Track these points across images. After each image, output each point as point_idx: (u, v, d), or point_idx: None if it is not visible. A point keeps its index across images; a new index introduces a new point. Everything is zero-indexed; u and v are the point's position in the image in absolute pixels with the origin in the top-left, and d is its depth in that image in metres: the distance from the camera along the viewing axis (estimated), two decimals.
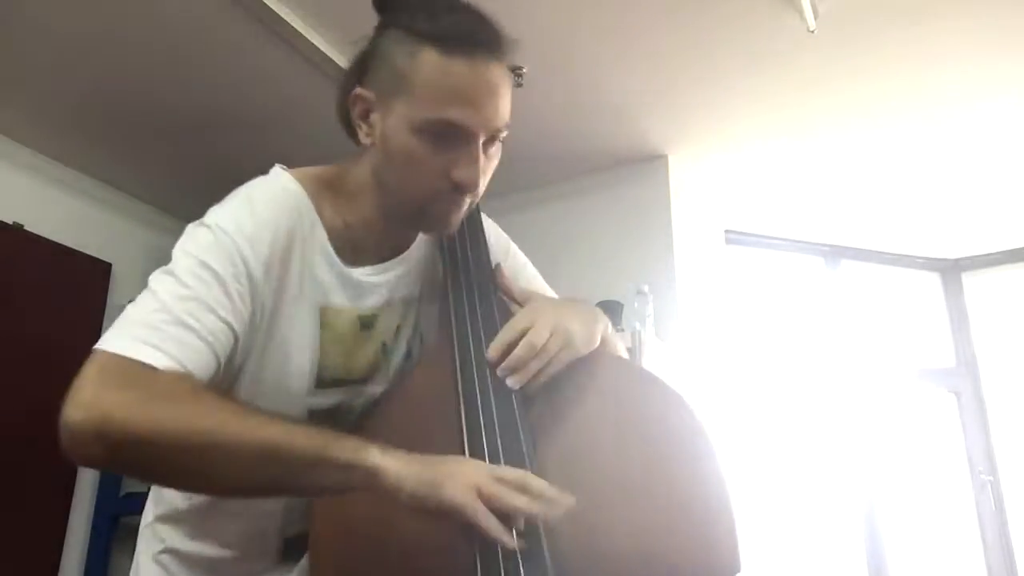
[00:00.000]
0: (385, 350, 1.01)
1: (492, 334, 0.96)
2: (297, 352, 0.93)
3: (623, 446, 0.92)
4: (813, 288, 3.58)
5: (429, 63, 0.88)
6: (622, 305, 2.51)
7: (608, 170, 2.92)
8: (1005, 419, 3.42)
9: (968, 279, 3.67)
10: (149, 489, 1.10)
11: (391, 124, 0.91)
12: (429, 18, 0.90)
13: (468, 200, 0.94)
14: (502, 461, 0.87)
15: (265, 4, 2.08)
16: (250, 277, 0.87)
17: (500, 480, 0.80)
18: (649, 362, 2.29)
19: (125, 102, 2.58)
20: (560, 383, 0.96)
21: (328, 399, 0.97)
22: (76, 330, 2.83)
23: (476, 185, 0.91)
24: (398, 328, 1.02)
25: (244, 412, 0.80)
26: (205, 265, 0.85)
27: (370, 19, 1.00)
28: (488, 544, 0.80)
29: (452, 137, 0.89)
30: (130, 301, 0.90)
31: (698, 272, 2.92)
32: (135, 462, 0.76)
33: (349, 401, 1.00)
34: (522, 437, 0.89)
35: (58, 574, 2.66)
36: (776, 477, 3.11)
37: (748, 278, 3.40)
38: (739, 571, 0.84)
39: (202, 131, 2.71)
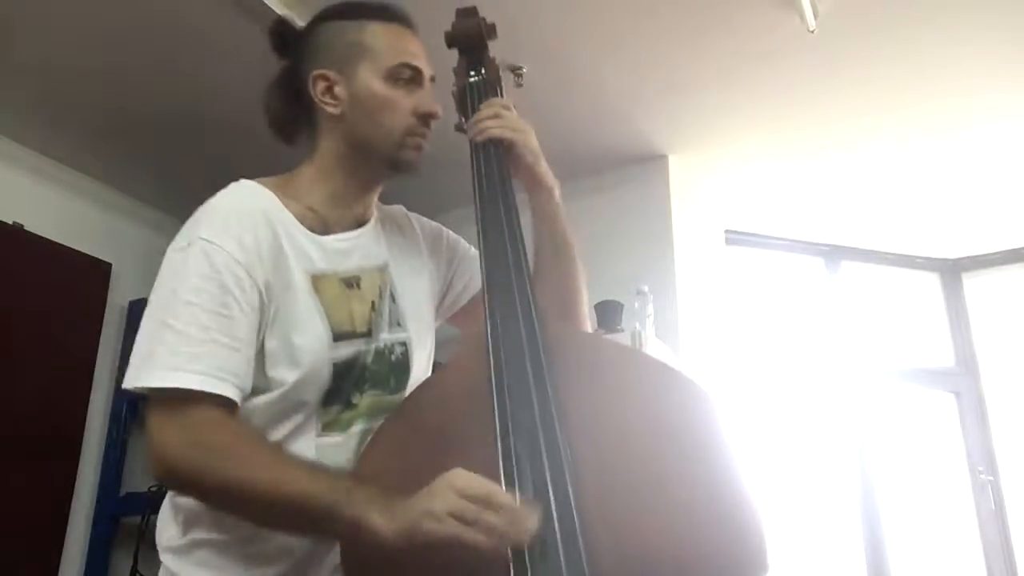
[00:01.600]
0: (374, 307, 1.12)
1: (531, 333, 0.98)
2: (308, 315, 1.04)
3: (653, 443, 0.92)
4: (813, 288, 3.58)
5: (379, 30, 1.14)
6: (622, 305, 2.50)
7: (608, 170, 2.92)
8: (1005, 419, 3.42)
9: (968, 279, 3.67)
10: (148, 489, 1.13)
11: (361, 84, 1.12)
12: (360, 6, 1.16)
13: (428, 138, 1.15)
14: (544, 458, 0.88)
15: (265, 4, 2.08)
16: (248, 269, 1.00)
17: (469, 496, 0.83)
18: None
19: (125, 103, 2.58)
20: (589, 378, 0.97)
21: (345, 351, 1.06)
22: (76, 330, 2.83)
23: (439, 112, 1.14)
24: (380, 290, 1.14)
25: (276, 463, 0.95)
26: (205, 277, 0.98)
27: None
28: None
29: (411, 81, 1.13)
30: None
31: (698, 272, 2.92)
32: (200, 497, 0.99)
33: (362, 356, 1.09)
34: (559, 432, 0.90)
35: (58, 574, 2.66)
36: (776, 477, 3.11)
37: (748, 278, 3.40)
38: (767, 570, 0.84)
39: (202, 131, 2.71)
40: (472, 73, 1.28)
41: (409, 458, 0.97)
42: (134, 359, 0.96)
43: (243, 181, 1.10)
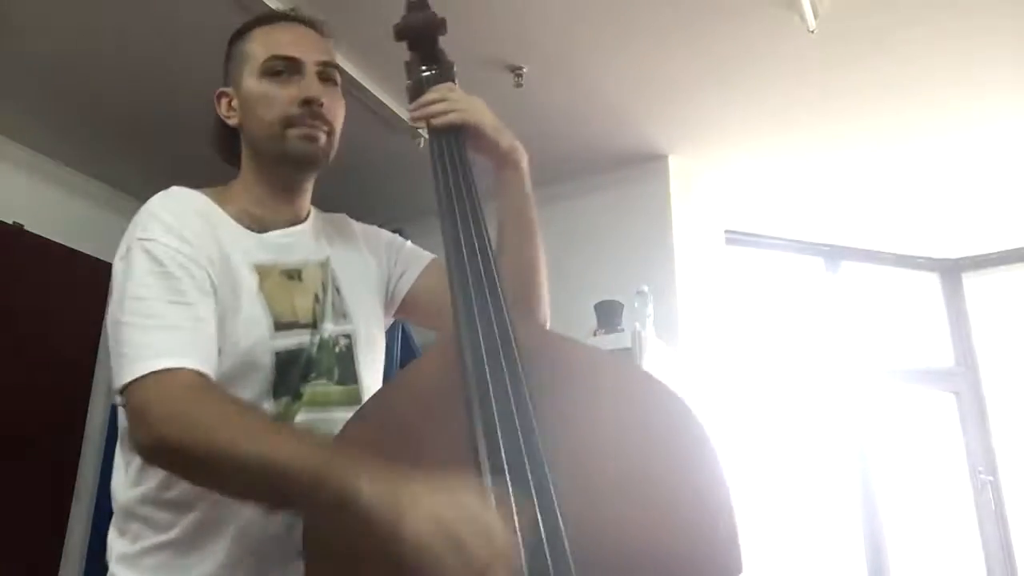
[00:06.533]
0: (318, 299, 1.14)
1: (503, 330, 0.96)
2: (250, 304, 1.06)
3: (627, 446, 0.93)
4: (813, 288, 3.58)
5: (258, 34, 1.18)
6: (622, 305, 2.50)
7: (608, 170, 2.92)
8: (1005, 419, 3.42)
9: (968, 279, 3.67)
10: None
11: (244, 88, 1.15)
12: (252, 20, 1.22)
13: (322, 126, 1.12)
14: (525, 459, 0.86)
15: (266, 5, 2.09)
16: (194, 260, 1.02)
17: (466, 520, 0.78)
18: (649, 362, 2.29)
19: (125, 102, 2.58)
20: (565, 381, 0.98)
21: (289, 340, 1.08)
22: (76, 330, 2.83)
23: (320, 96, 1.12)
24: (322, 284, 1.15)
25: (263, 430, 0.91)
26: (160, 274, 1.00)
27: (368, 17, 1.03)
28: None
29: (287, 72, 1.13)
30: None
31: (698, 272, 2.91)
32: (186, 470, 0.93)
33: (308, 347, 1.09)
34: (538, 436, 0.88)
35: (58, 574, 2.66)
36: (776, 477, 3.11)
37: (748, 278, 3.40)
38: (741, 571, 0.86)
39: (202, 131, 2.71)
40: (424, 68, 1.24)
41: (380, 455, 0.91)
42: (113, 372, 0.96)
43: (174, 187, 1.14)
